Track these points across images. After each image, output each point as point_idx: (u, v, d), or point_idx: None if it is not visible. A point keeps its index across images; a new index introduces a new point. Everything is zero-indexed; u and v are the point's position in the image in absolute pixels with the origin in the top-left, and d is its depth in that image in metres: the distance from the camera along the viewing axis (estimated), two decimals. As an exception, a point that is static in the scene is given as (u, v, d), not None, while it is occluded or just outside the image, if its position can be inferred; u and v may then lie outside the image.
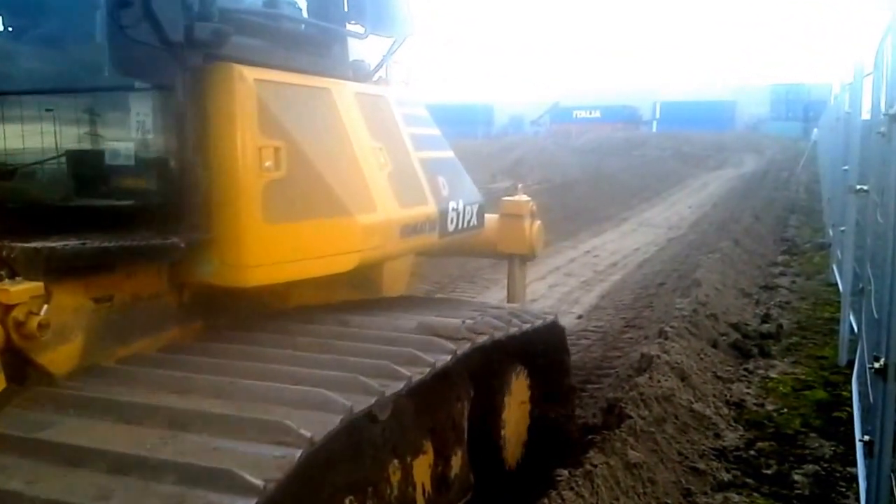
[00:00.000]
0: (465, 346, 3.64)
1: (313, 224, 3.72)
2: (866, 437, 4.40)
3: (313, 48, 4.26)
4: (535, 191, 21.92)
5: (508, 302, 6.33)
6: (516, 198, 6.25)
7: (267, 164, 3.46)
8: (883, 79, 5.65)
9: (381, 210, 4.12)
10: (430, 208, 4.67)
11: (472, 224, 5.24)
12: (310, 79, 3.97)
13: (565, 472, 4.51)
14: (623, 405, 5.38)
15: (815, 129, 33.46)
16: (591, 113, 63.47)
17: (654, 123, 61.76)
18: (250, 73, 3.48)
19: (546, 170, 29.52)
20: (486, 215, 5.73)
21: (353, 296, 4.68)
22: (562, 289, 11.36)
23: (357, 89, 4.37)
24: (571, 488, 4.22)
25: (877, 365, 3.88)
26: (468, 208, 5.17)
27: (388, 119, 4.63)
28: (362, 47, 4.75)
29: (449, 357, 3.46)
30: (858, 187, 6.85)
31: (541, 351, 5.30)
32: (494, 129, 66.31)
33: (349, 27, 4.44)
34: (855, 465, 4.92)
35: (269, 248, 3.51)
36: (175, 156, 3.41)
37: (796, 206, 20.19)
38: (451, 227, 4.92)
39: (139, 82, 3.52)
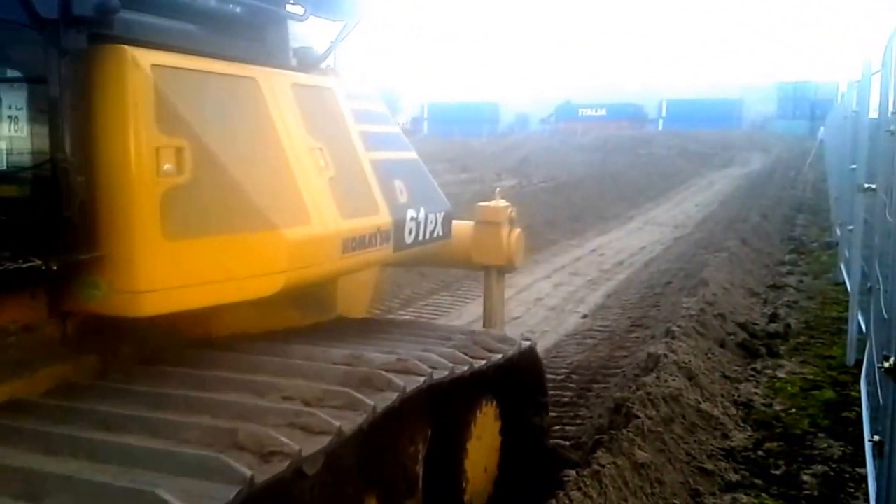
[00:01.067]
0: (281, 467, 2.41)
1: (226, 240, 3.11)
2: (876, 438, 4.38)
3: (240, 30, 3.68)
4: (541, 189, 21.96)
5: (485, 324, 5.62)
6: (493, 203, 5.54)
7: (166, 167, 2.91)
8: (891, 77, 5.62)
9: (316, 222, 3.49)
10: (383, 218, 4.05)
11: (436, 235, 4.60)
12: (229, 66, 3.38)
13: (573, 473, 4.50)
14: (630, 405, 5.36)
15: (822, 128, 33.45)
16: (596, 111, 63.54)
17: (660, 121, 61.76)
18: (146, 58, 2.92)
19: (551, 168, 29.49)
20: (460, 222, 5.24)
21: (299, 319, 4.12)
22: (567, 288, 11.35)
23: (295, 80, 3.77)
24: (579, 488, 4.20)
25: (886, 364, 3.86)
26: (431, 217, 4.53)
27: (333, 115, 4.02)
28: (311, 32, 4.24)
29: (235, 492, 2.19)
30: (866, 186, 6.83)
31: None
32: (500, 128, 66.42)
33: (288, 8, 3.90)
34: (864, 465, 4.89)
35: (168, 270, 2.94)
36: (52, 158, 2.82)
37: (803, 205, 20.16)
38: (409, 239, 4.28)
39: (10, 70, 3.04)
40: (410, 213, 4.30)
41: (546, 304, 10.27)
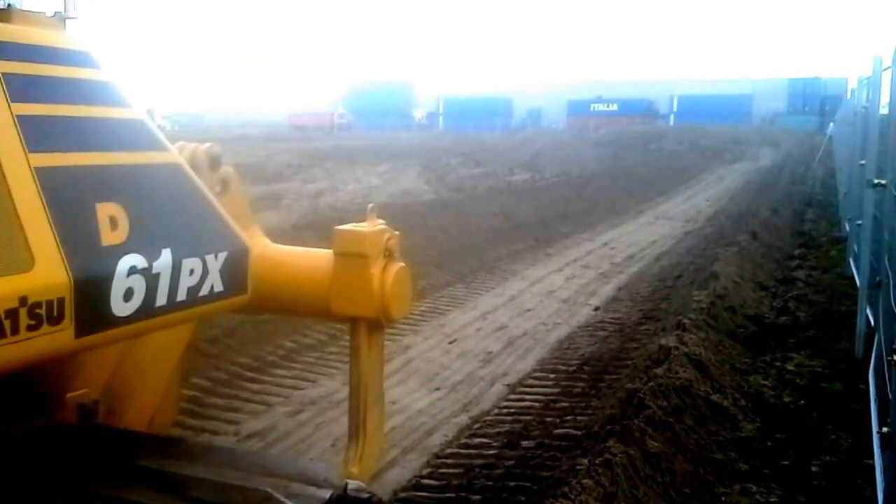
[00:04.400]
0: None
1: None
2: (884, 429, 4.45)
3: None
4: (553, 183, 22.05)
5: (350, 412, 3.59)
6: (359, 226, 3.53)
7: None
8: (902, 73, 5.70)
9: None
10: (44, 276, 2.23)
11: (207, 292, 2.84)
12: None
13: (585, 461, 4.58)
14: (642, 395, 5.43)
15: (832, 124, 33.48)
16: (608, 106, 63.57)
17: (672, 117, 61.77)
18: None
19: (564, 163, 29.57)
20: (316, 251, 3.65)
21: None
22: (579, 281, 11.43)
23: None
24: (591, 476, 4.28)
25: (895, 357, 3.94)
26: (192, 264, 2.77)
27: None
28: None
29: None
30: (876, 181, 6.89)
31: None
32: (513, 122, 66.52)
33: None
34: (872, 457, 4.96)
35: None
36: None
37: (813, 200, 20.17)
38: (124, 309, 2.49)
39: None
40: (129, 261, 2.52)
41: (558, 297, 10.36)
